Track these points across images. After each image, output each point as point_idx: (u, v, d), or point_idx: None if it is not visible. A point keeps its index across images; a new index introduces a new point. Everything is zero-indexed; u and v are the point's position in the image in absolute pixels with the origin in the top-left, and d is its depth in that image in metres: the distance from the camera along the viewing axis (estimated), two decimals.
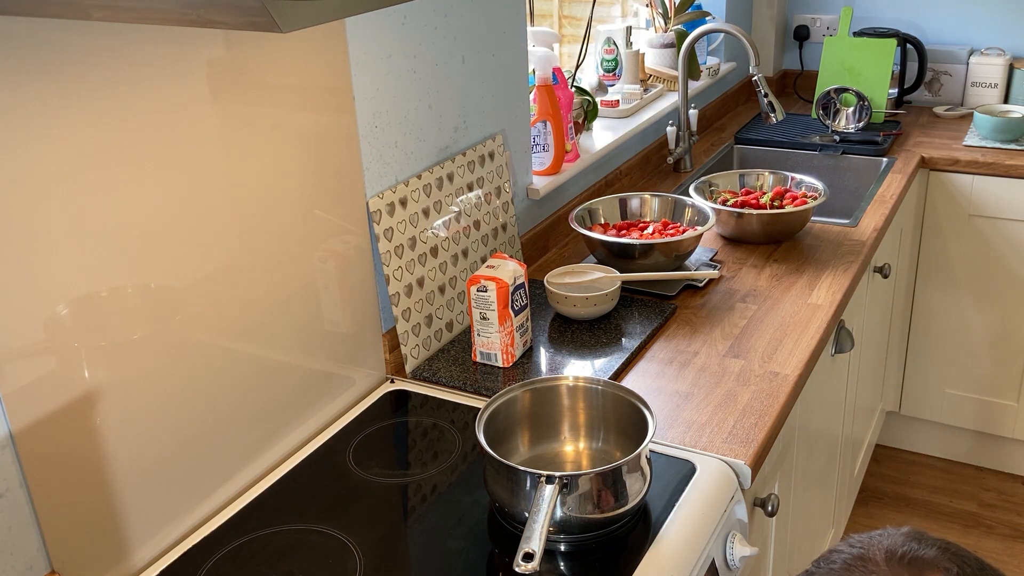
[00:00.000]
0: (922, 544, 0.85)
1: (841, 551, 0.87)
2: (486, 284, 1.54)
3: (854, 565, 0.83)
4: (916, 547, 0.84)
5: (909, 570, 0.82)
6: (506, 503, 1.20)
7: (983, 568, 0.83)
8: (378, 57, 1.48)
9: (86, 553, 1.13)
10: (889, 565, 0.83)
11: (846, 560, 0.85)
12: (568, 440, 1.38)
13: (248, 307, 1.31)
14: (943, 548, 0.84)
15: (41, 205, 1.01)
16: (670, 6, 2.71)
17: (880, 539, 0.86)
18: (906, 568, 0.82)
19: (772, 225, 2.04)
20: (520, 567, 1.05)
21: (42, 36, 0.98)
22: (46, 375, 1.05)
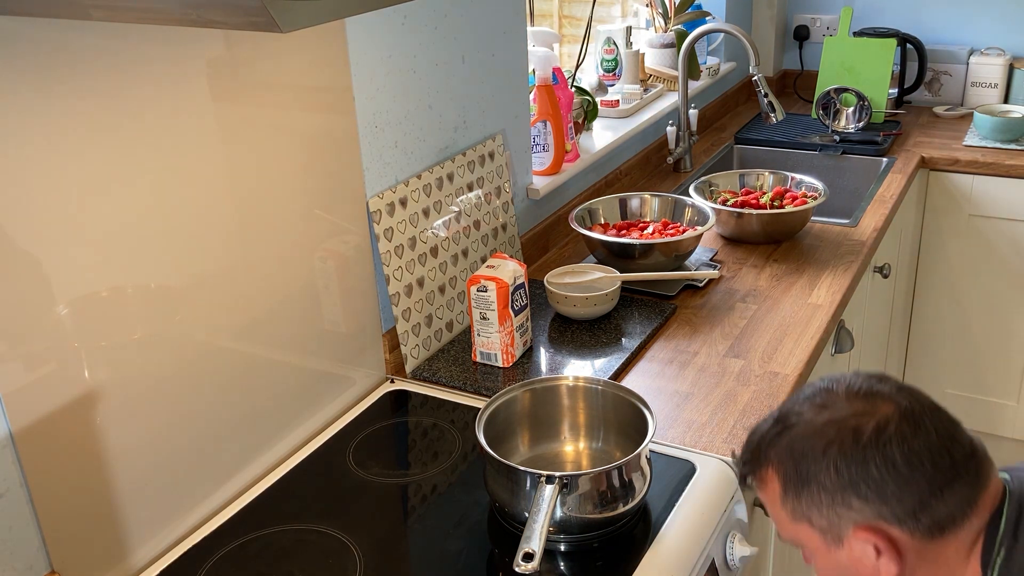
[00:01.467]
0: (881, 382, 0.97)
1: (812, 384, 1.00)
2: (486, 284, 1.54)
3: (817, 394, 0.99)
4: (875, 384, 0.97)
5: (864, 402, 0.97)
6: (506, 503, 1.20)
7: (936, 409, 0.98)
8: (378, 57, 1.48)
9: (86, 553, 1.13)
10: (847, 397, 0.97)
11: (813, 390, 1.01)
12: (568, 440, 1.37)
13: (248, 307, 1.30)
14: (899, 387, 0.97)
15: (41, 205, 1.01)
16: (670, 6, 2.71)
17: (847, 377, 1.00)
18: (861, 400, 0.97)
19: (772, 225, 2.04)
20: (520, 567, 1.05)
21: (42, 36, 0.98)
22: (46, 375, 1.05)
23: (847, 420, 0.95)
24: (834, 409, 0.97)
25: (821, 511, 0.96)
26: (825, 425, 0.96)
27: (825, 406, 0.98)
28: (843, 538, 0.96)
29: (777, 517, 1.03)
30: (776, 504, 1.01)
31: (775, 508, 1.02)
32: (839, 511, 0.95)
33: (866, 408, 0.96)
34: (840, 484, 0.94)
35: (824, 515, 0.96)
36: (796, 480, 0.97)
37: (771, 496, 1.02)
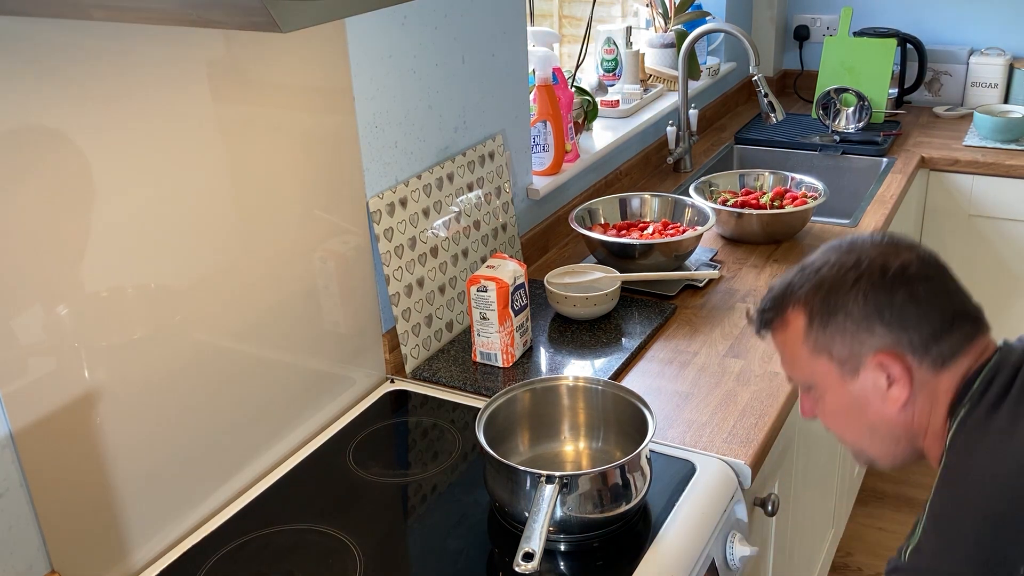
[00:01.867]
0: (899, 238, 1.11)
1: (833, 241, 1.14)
2: (486, 284, 1.54)
3: (843, 244, 1.11)
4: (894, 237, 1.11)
5: (888, 247, 1.09)
6: (506, 503, 1.20)
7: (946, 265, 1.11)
8: (378, 57, 1.48)
9: (86, 553, 1.13)
10: (872, 245, 1.09)
11: (838, 242, 1.12)
12: (568, 440, 1.37)
13: (248, 307, 1.30)
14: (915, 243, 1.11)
15: (40, 206, 1.01)
16: (670, 6, 2.71)
17: (866, 232, 1.15)
18: (885, 246, 1.09)
19: (772, 225, 2.04)
20: (520, 567, 1.05)
21: (42, 36, 0.98)
22: (46, 375, 1.05)
23: (875, 259, 1.06)
24: (861, 252, 1.08)
25: (844, 339, 1.05)
26: (855, 263, 1.07)
27: (852, 251, 1.09)
28: (860, 368, 1.05)
29: (794, 356, 1.11)
30: (797, 342, 1.10)
31: (795, 347, 1.11)
32: (862, 338, 1.04)
33: (891, 251, 1.07)
34: (866, 312, 1.04)
35: (847, 343, 1.05)
36: (824, 311, 1.07)
37: (792, 336, 1.11)
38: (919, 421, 1.07)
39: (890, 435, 1.09)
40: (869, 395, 1.06)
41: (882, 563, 2.54)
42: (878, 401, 1.06)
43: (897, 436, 1.08)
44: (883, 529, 2.69)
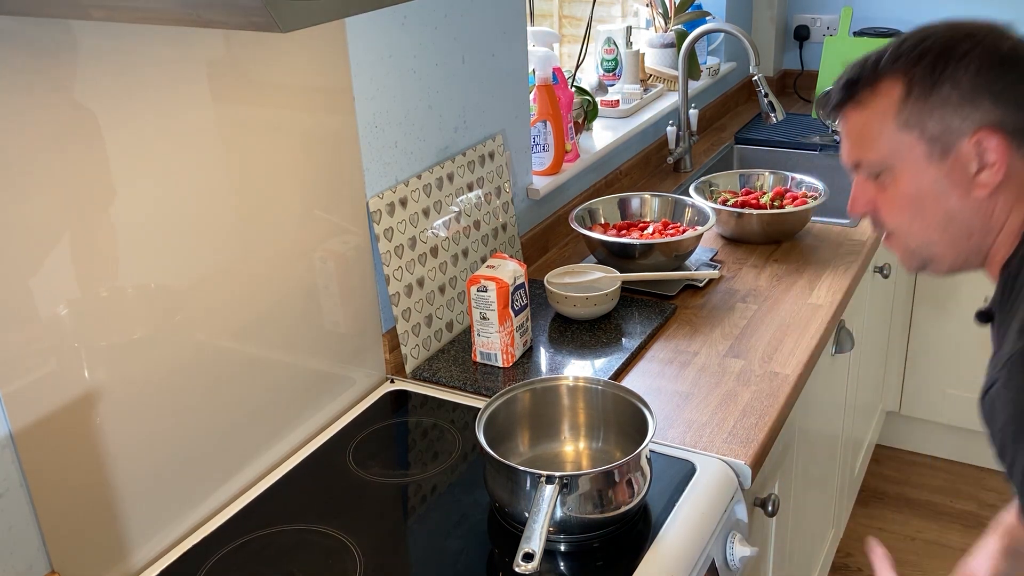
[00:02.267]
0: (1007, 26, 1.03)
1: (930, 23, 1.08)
2: (486, 284, 1.54)
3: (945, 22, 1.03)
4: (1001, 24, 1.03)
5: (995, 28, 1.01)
6: (506, 503, 1.20)
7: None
8: (378, 57, 1.48)
9: (86, 553, 1.13)
10: (978, 24, 1.02)
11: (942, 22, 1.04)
12: (568, 440, 1.37)
13: (248, 307, 1.30)
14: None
15: (40, 205, 1.01)
16: (670, 6, 2.71)
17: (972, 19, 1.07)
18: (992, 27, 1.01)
19: (772, 225, 2.04)
20: (520, 567, 1.05)
21: (42, 36, 0.98)
22: (46, 375, 1.05)
23: (987, 36, 1.00)
24: (971, 28, 1.01)
25: (944, 113, 0.98)
26: (966, 36, 1.00)
27: (959, 28, 1.01)
28: (953, 147, 0.99)
29: (875, 133, 1.03)
30: (887, 115, 1.02)
31: (881, 121, 1.03)
32: (965, 112, 0.98)
33: (1001, 33, 1.01)
34: (976, 84, 0.97)
35: (945, 118, 0.98)
36: (928, 80, 0.99)
37: (881, 108, 1.02)
38: (998, 216, 1.01)
39: (965, 228, 1.02)
40: (956, 178, 0.99)
41: None
42: (963, 186, 0.99)
43: (971, 229, 1.02)
44: (883, 529, 2.69)
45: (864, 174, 1.08)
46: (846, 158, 1.10)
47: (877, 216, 1.09)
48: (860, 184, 1.09)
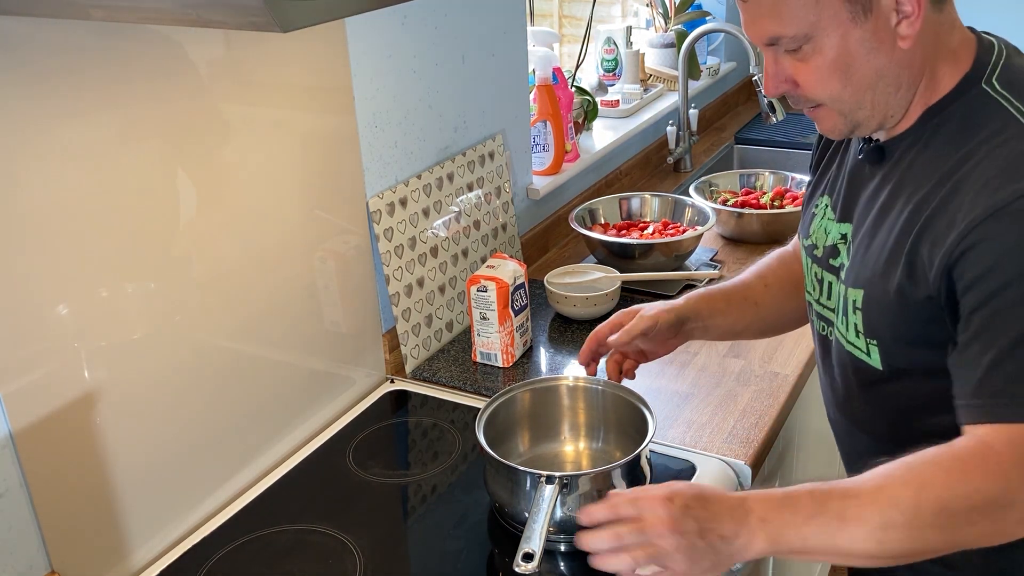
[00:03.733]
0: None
1: None
2: (486, 284, 1.54)
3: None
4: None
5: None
6: (506, 503, 1.20)
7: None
8: (378, 57, 1.48)
9: (86, 553, 1.13)
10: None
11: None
12: (568, 440, 1.37)
13: (248, 307, 1.30)
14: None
15: (41, 205, 1.01)
16: (670, 6, 2.71)
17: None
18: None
19: (772, 225, 2.04)
20: (520, 567, 1.05)
21: (42, 36, 0.98)
22: (46, 375, 1.05)
23: None
24: None
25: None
26: None
27: None
28: (873, 3, 0.96)
29: (790, 3, 0.98)
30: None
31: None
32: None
33: None
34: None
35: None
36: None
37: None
38: (919, 66, 1.01)
39: (893, 82, 1.01)
40: (881, 35, 0.97)
41: None
42: (888, 42, 0.98)
43: (899, 83, 1.01)
44: None
45: (782, 49, 1.02)
46: (757, 35, 1.03)
47: (798, 91, 1.04)
48: (775, 60, 1.03)
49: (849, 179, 1.14)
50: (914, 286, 0.99)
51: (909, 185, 1.02)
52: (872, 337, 1.06)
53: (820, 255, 1.16)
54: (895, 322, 1.03)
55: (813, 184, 1.26)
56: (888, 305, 1.02)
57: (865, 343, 1.07)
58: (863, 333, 1.07)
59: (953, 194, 0.96)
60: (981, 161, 0.96)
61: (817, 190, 1.23)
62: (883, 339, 1.05)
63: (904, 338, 1.03)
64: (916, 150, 1.04)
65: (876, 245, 1.04)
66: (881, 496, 0.91)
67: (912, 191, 1.01)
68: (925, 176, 1.01)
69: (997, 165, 0.94)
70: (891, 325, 1.04)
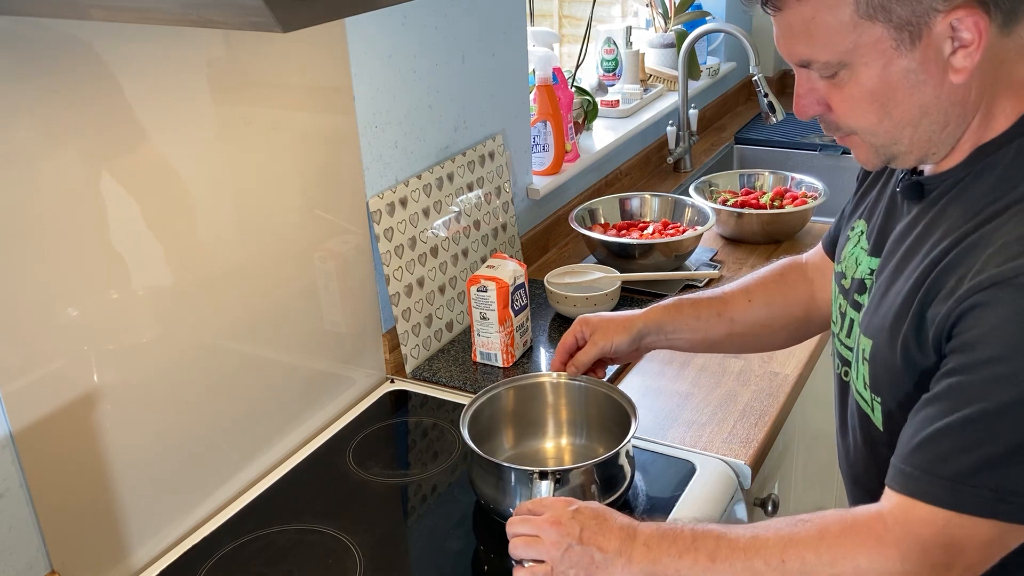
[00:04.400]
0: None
1: None
2: (486, 284, 1.54)
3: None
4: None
5: None
6: (491, 499, 1.20)
7: None
8: (378, 57, 1.48)
9: (86, 553, 1.13)
10: None
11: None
12: (551, 436, 1.37)
13: (248, 308, 1.30)
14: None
15: (46, 208, 1.01)
16: (670, 6, 2.71)
17: None
18: None
19: (772, 225, 2.04)
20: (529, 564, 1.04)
21: (42, 36, 0.98)
22: (46, 375, 1.05)
23: None
24: None
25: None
26: None
27: None
28: (923, 30, 0.85)
29: (828, 27, 0.87)
30: (843, 5, 0.86)
31: (834, 12, 0.86)
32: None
33: None
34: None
35: (912, 1, 0.84)
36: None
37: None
38: (974, 100, 0.89)
39: (940, 119, 0.89)
40: (929, 66, 0.86)
41: None
42: (938, 74, 0.86)
43: (947, 119, 0.90)
44: None
45: (816, 72, 0.92)
46: (787, 55, 0.92)
47: (831, 116, 0.95)
48: (807, 80, 0.94)
49: (886, 210, 1.04)
50: (919, 350, 0.90)
51: (936, 231, 0.92)
52: (876, 394, 0.98)
53: (848, 287, 1.06)
54: (897, 383, 0.94)
55: (854, 202, 1.15)
56: (892, 364, 0.94)
57: (871, 398, 0.99)
58: (869, 387, 0.99)
59: (970, 250, 0.86)
60: (1010, 219, 0.85)
61: (856, 211, 1.13)
62: (885, 399, 0.97)
63: (905, 403, 0.93)
64: (953, 194, 0.93)
65: (892, 293, 0.95)
66: (753, 544, 0.91)
67: (937, 239, 0.91)
68: (952, 225, 0.90)
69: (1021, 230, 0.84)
70: (892, 385, 0.95)
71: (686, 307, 1.29)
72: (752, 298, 1.28)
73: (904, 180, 0.99)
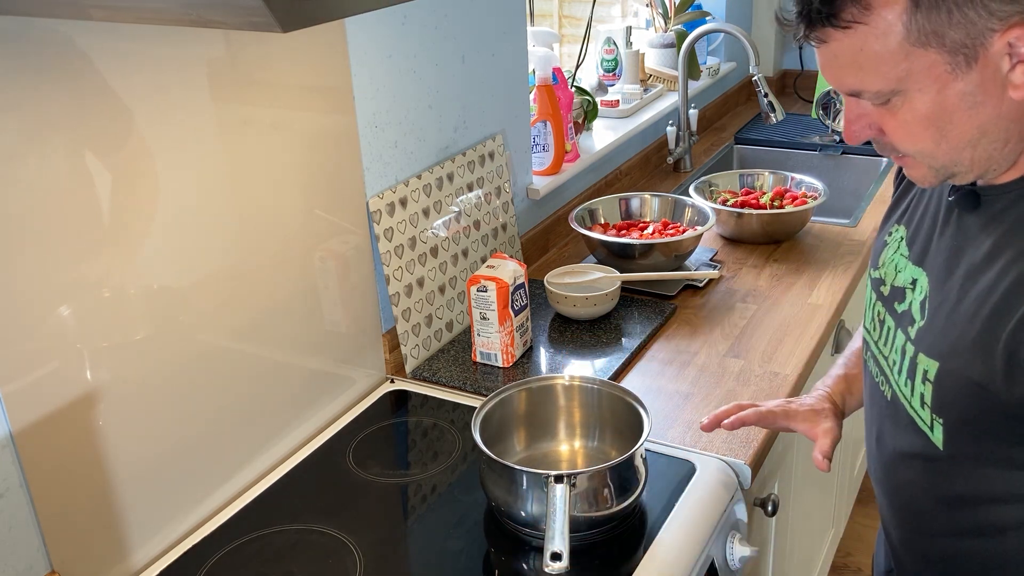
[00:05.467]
0: None
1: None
2: (486, 284, 1.55)
3: None
4: None
5: None
6: (503, 502, 1.20)
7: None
8: (378, 57, 1.48)
9: (86, 553, 1.13)
10: None
11: None
12: (564, 439, 1.37)
13: (248, 307, 1.31)
14: None
15: (42, 206, 1.01)
16: (670, 6, 2.71)
17: None
18: None
19: (772, 225, 2.04)
20: (549, 567, 1.04)
21: (42, 36, 0.98)
22: (46, 375, 1.05)
23: None
24: None
25: (966, 14, 0.81)
26: None
27: None
28: (979, 51, 0.83)
29: (876, 57, 0.85)
30: (893, 33, 0.84)
31: (883, 41, 0.85)
32: (992, 7, 0.81)
33: None
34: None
35: (968, 20, 0.82)
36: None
37: (882, 27, 0.84)
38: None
39: (1000, 137, 0.88)
40: (988, 86, 0.84)
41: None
42: (996, 93, 0.85)
43: (1008, 136, 0.88)
44: None
45: (867, 100, 0.90)
46: (836, 84, 0.91)
47: (885, 140, 0.92)
48: (857, 106, 0.92)
49: (931, 217, 1.01)
50: (1009, 383, 0.86)
51: (1011, 249, 0.89)
52: (940, 415, 0.94)
53: (886, 293, 1.04)
54: (970, 408, 0.91)
55: (892, 206, 1.13)
56: (969, 391, 0.90)
57: (931, 418, 0.96)
58: (930, 407, 0.95)
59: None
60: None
61: (893, 215, 1.10)
62: (951, 421, 0.93)
63: (978, 427, 0.91)
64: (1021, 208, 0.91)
65: (962, 315, 0.91)
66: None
67: (1015, 257, 0.88)
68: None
69: None
70: (965, 410, 0.92)
71: (852, 377, 1.25)
72: None
73: (958, 189, 0.96)
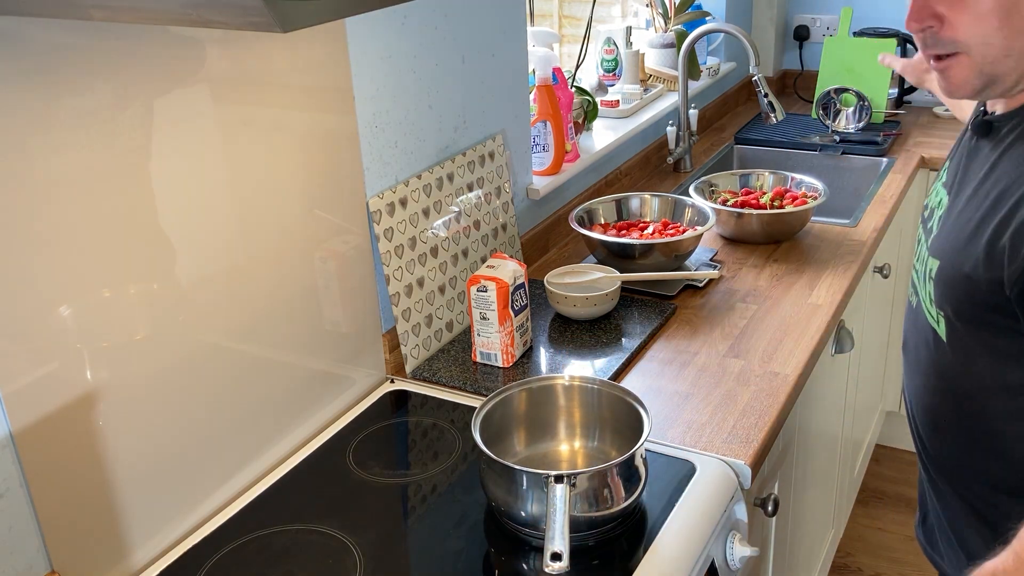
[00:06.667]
0: None
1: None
2: (486, 284, 1.55)
3: None
4: None
5: None
6: (503, 502, 1.20)
7: None
8: (378, 57, 1.48)
9: (86, 553, 1.13)
10: None
11: None
12: (564, 439, 1.37)
13: (248, 307, 1.31)
14: None
15: (42, 205, 1.01)
16: (670, 6, 2.71)
17: None
18: None
19: (772, 225, 2.04)
20: (549, 568, 1.04)
21: (42, 36, 0.98)
22: (46, 375, 1.05)
23: None
24: None
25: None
26: None
27: None
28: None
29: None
30: None
31: None
32: None
33: None
34: None
35: None
36: None
37: None
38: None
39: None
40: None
41: (882, 563, 2.55)
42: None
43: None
44: (883, 529, 2.69)
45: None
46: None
47: (941, 32, 0.97)
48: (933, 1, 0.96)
49: (960, 150, 1.17)
50: (987, 271, 0.99)
51: (1005, 165, 1.01)
52: (942, 309, 1.09)
53: (926, 216, 1.20)
54: (962, 300, 1.05)
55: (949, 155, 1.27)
56: (960, 283, 1.04)
57: (936, 313, 1.10)
58: (935, 302, 1.10)
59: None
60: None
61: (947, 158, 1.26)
62: (950, 315, 1.08)
63: (968, 318, 1.05)
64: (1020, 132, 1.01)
65: (961, 220, 1.05)
66: None
67: (1004, 173, 1.00)
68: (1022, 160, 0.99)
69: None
70: (958, 301, 1.06)
71: None
72: None
73: (976, 119, 1.09)
